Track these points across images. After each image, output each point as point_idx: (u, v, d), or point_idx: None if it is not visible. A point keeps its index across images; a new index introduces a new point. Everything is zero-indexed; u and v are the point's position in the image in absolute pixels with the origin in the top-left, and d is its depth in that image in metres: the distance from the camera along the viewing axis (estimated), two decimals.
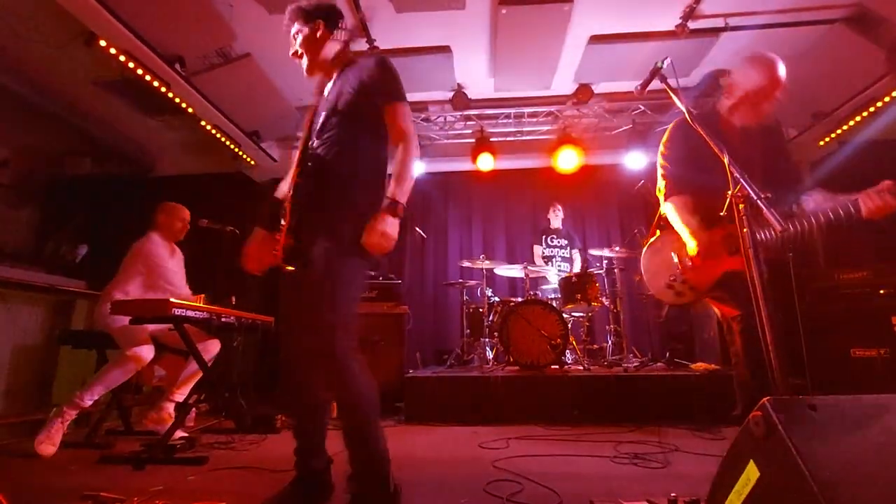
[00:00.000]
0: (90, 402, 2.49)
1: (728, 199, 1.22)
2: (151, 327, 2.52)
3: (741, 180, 1.20)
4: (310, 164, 1.68)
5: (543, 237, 4.73)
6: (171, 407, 2.68)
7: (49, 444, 2.34)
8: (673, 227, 1.91)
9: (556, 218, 5.01)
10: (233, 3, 3.51)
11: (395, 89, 1.72)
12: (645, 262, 2.04)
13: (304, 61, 1.80)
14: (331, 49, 1.83)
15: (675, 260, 1.86)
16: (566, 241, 4.85)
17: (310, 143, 1.70)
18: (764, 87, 1.84)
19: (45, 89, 4.03)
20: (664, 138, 2.03)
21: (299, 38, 1.78)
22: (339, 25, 1.87)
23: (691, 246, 1.75)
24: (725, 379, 3.03)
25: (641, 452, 2.23)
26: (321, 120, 1.70)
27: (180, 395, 2.71)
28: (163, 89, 3.75)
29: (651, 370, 3.73)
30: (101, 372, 2.54)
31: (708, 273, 1.77)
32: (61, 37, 3.33)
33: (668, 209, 1.88)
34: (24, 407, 3.31)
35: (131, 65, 3.43)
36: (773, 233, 1.63)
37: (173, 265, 3.02)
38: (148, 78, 3.59)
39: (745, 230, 1.17)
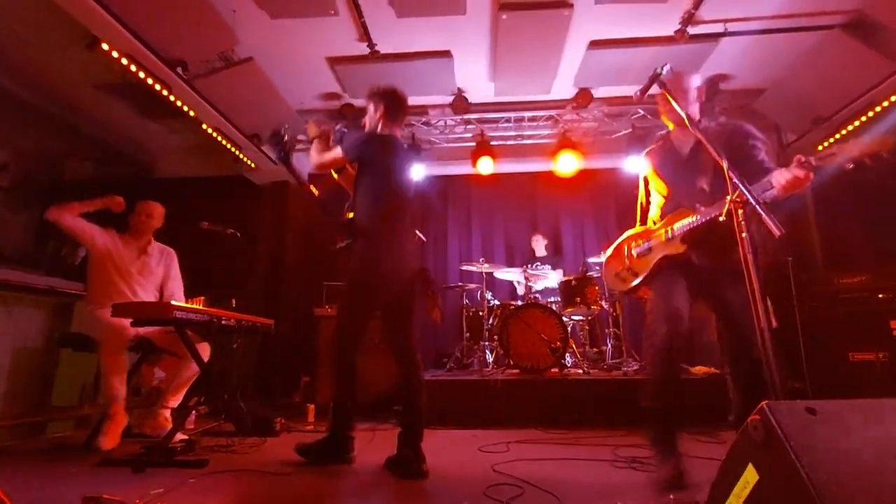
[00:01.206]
0: (123, 391, 2.62)
1: (727, 205, 1.23)
2: (144, 330, 2.50)
3: (740, 186, 1.21)
4: None
5: (528, 266, 4.71)
6: (167, 412, 2.68)
7: (108, 438, 2.50)
8: (654, 223, 2.08)
9: (540, 246, 5.01)
10: (236, 8, 3.54)
11: None
12: (606, 259, 2.27)
13: None
14: None
15: (625, 252, 2.09)
16: (550, 265, 4.82)
17: None
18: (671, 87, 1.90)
19: (46, 92, 4.04)
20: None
21: None
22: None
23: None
24: (725, 382, 3.03)
25: (641, 456, 2.22)
26: None
27: (175, 401, 2.71)
28: (164, 92, 3.76)
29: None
30: (102, 371, 2.57)
31: (647, 259, 1.98)
32: (63, 40, 3.35)
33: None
34: (24, 409, 3.30)
35: (133, 68, 3.44)
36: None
37: (133, 263, 2.98)
38: (150, 81, 3.61)
39: (743, 235, 1.18)
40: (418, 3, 3.49)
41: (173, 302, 2.16)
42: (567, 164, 4.78)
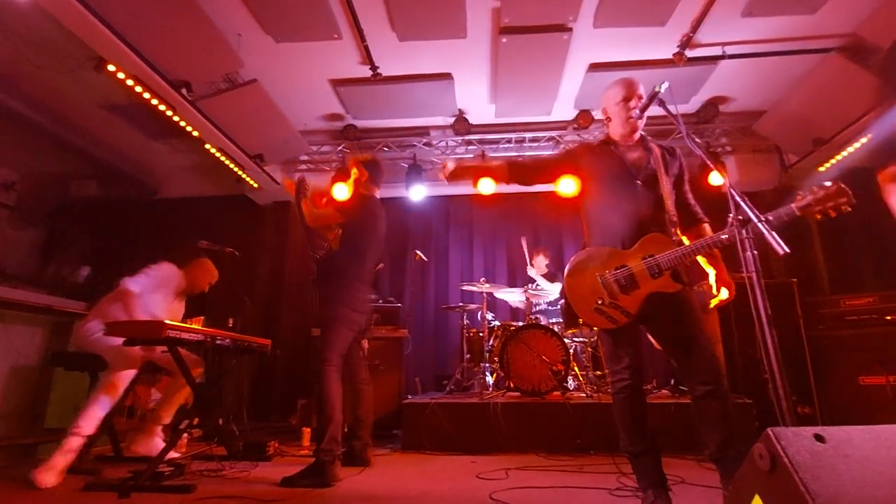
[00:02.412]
0: (91, 430, 2.37)
1: (729, 223, 1.20)
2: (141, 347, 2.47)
3: (742, 203, 1.18)
4: None
5: (528, 285, 4.63)
6: (159, 430, 2.61)
7: (48, 474, 2.20)
8: (604, 243, 1.86)
9: (541, 264, 4.89)
10: (241, 32, 3.62)
11: None
12: (568, 284, 1.86)
13: None
14: None
15: (600, 280, 1.78)
16: (549, 282, 4.72)
17: None
18: (624, 94, 1.90)
19: (52, 113, 4.11)
20: None
21: None
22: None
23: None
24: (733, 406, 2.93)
25: None
26: None
27: (168, 417, 2.65)
28: (169, 113, 3.82)
29: (655, 398, 3.63)
30: (91, 397, 2.47)
31: (635, 296, 1.74)
32: (71, 62, 3.42)
33: None
34: (17, 430, 3.24)
35: (139, 89, 3.50)
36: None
37: (159, 303, 2.90)
38: (155, 102, 3.67)
39: (747, 253, 1.14)
40: (420, 27, 3.56)
41: (166, 321, 2.13)
42: (568, 185, 4.76)
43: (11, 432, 3.22)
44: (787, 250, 1.16)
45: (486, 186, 5.04)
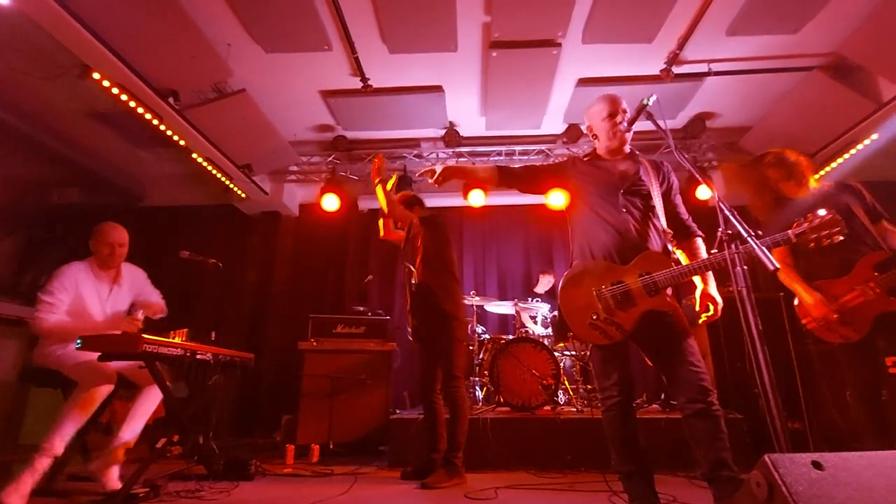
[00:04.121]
0: (62, 448, 2.22)
1: (719, 238, 1.19)
2: (117, 364, 2.36)
3: (732, 218, 1.17)
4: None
5: (530, 299, 4.60)
6: (120, 451, 2.38)
7: (16, 496, 2.07)
8: (592, 256, 1.84)
9: (546, 284, 4.88)
10: (231, 41, 3.59)
11: None
12: (563, 297, 1.84)
13: None
14: None
15: (596, 295, 1.75)
16: (550, 305, 4.69)
17: None
18: (610, 110, 1.93)
19: (35, 120, 4.03)
20: None
21: None
22: None
23: None
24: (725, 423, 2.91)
25: None
26: None
27: (130, 433, 2.42)
28: (155, 122, 3.76)
29: (646, 412, 3.60)
30: (63, 413, 2.33)
31: (631, 313, 1.71)
32: (54, 69, 3.36)
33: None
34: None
35: (124, 97, 3.45)
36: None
37: (87, 299, 2.64)
38: (140, 110, 3.61)
39: (737, 269, 1.13)
40: (410, 40, 3.56)
41: (144, 335, 2.06)
42: (559, 198, 4.79)
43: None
44: (778, 266, 1.15)
45: (476, 198, 5.09)
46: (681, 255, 1.83)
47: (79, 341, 2.14)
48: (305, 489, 2.57)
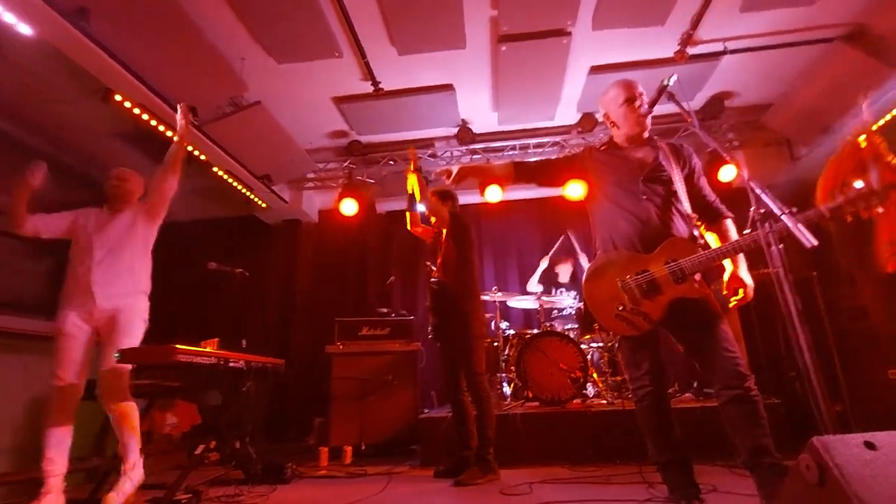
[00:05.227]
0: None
1: (751, 218, 1.16)
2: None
3: (763, 197, 1.14)
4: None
5: (553, 289, 4.55)
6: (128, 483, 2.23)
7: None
8: (614, 247, 1.82)
9: (565, 272, 4.82)
10: (244, 56, 3.67)
11: None
12: (588, 290, 1.83)
13: None
14: None
15: (620, 286, 1.73)
16: (575, 292, 4.63)
17: None
18: (627, 95, 1.89)
19: (62, 144, 4.18)
20: None
21: None
22: None
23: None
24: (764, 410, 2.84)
25: None
26: None
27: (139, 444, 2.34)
28: (175, 139, 3.85)
29: (679, 402, 3.54)
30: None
31: (658, 301, 1.68)
32: (77, 93, 3.48)
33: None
34: (32, 464, 3.24)
35: (145, 116, 3.56)
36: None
37: (90, 221, 2.56)
38: (161, 128, 3.71)
39: (772, 248, 1.10)
40: (419, 40, 3.57)
41: (177, 346, 2.12)
42: (576, 188, 4.73)
43: (27, 466, 3.21)
44: (815, 243, 1.11)
45: (493, 194, 5.07)
46: (712, 239, 1.78)
47: (117, 354, 2.21)
48: (342, 490, 2.61)
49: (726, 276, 1.71)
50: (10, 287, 4.82)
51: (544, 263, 4.57)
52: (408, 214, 3.22)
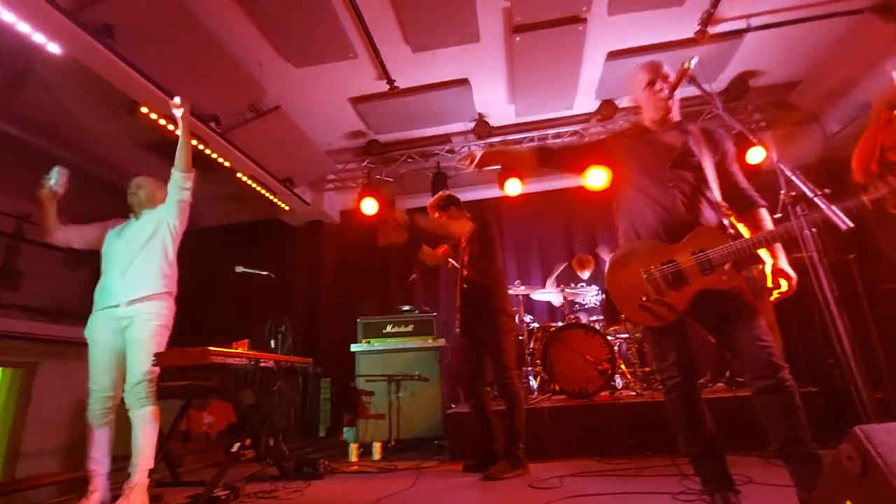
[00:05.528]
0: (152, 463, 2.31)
1: (781, 201, 1.12)
2: None
3: (794, 178, 1.10)
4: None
5: (572, 283, 4.47)
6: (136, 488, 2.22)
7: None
8: (637, 237, 1.77)
9: (586, 273, 4.73)
10: (262, 62, 3.73)
11: None
12: (610, 280, 1.78)
13: None
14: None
15: (645, 276, 1.68)
16: (597, 287, 4.55)
17: None
18: (648, 78, 1.82)
19: (94, 157, 4.35)
20: None
21: None
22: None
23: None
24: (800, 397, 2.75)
25: None
26: None
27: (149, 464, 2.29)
28: (200, 147, 3.97)
29: (711, 392, 3.46)
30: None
31: (684, 293, 1.63)
32: (107, 108, 3.61)
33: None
34: (81, 463, 3.40)
35: (171, 127, 3.66)
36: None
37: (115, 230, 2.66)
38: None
39: (805, 231, 1.06)
40: (432, 36, 3.57)
41: (211, 348, 2.19)
42: (597, 177, 4.65)
43: (76, 465, 3.37)
44: (851, 225, 1.07)
45: (513, 188, 5.02)
46: (742, 229, 1.71)
47: (153, 357, 2.30)
48: (374, 484, 2.66)
49: (768, 269, 1.63)
50: (50, 295, 5.06)
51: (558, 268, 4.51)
52: (423, 247, 3.32)
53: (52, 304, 5.16)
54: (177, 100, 2.57)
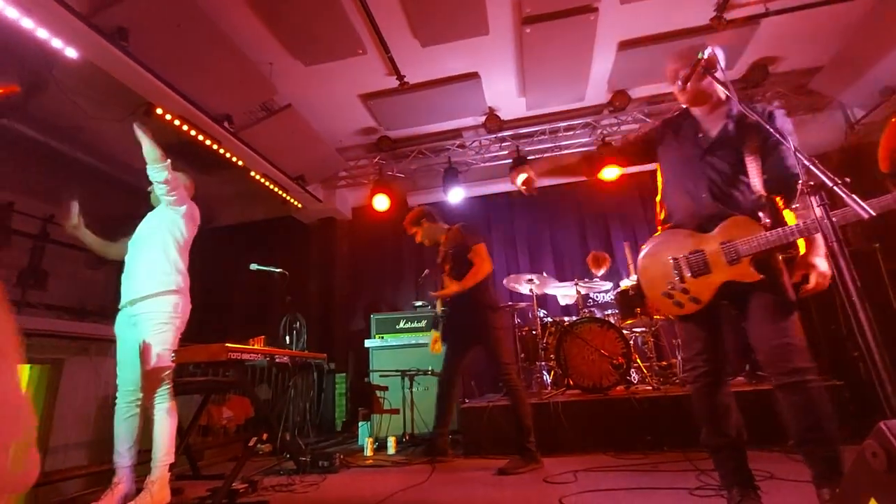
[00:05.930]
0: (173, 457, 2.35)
1: (799, 188, 1.08)
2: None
3: (812, 167, 1.06)
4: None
5: (579, 280, 4.41)
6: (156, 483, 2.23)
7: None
8: (670, 227, 1.76)
9: (601, 271, 4.67)
10: (272, 61, 3.76)
11: None
12: (642, 266, 1.82)
13: None
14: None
15: (672, 264, 1.68)
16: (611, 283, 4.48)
17: None
18: (672, 69, 1.77)
19: (113, 160, 4.44)
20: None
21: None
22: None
23: None
24: (824, 392, 2.68)
25: None
26: None
27: (169, 458, 2.30)
28: (214, 146, 4.02)
29: (730, 386, 3.39)
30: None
31: (708, 283, 1.60)
32: (124, 110, 3.68)
33: None
34: (109, 456, 3.50)
35: (185, 127, 3.72)
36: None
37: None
38: (201, 138, 3.87)
39: (825, 221, 1.03)
40: (441, 30, 3.55)
41: (228, 344, 2.22)
42: (611, 172, 4.59)
43: (104, 458, 3.47)
44: (873, 213, 1.03)
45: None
46: (790, 217, 1.63)
47: (172, 354, 2.35)
48: (389, 478, 2.68)
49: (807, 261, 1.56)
50: (74, 294, 5.18)
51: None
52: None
53: (76, 303, 5.31)
54: (135, 127, 2.64)
